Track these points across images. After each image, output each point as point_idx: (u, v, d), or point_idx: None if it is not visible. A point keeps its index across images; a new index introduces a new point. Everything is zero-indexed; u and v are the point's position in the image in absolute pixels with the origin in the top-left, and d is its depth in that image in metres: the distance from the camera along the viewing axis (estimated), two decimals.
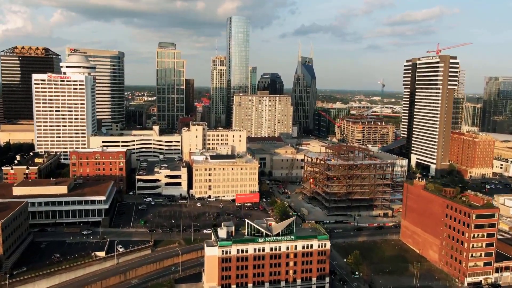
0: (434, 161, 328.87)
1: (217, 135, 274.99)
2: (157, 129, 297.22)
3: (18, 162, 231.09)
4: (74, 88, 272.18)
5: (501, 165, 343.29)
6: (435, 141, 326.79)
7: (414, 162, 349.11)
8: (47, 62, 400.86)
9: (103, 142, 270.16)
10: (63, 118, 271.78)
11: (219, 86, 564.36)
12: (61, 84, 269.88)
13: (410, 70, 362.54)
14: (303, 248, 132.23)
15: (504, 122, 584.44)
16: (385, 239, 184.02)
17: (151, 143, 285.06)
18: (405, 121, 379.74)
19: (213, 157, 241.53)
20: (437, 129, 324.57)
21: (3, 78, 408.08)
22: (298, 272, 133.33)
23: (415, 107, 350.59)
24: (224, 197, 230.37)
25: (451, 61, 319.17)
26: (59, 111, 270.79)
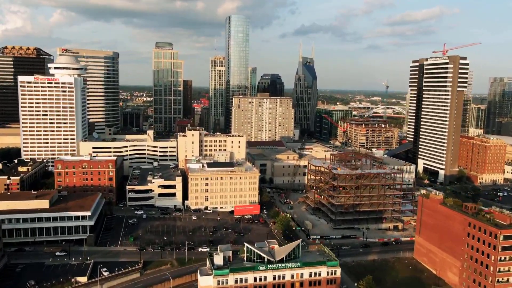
0: (442, 166, 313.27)
1: (215, 141, 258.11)
2: (151, 134, 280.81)
3: (0, 171, 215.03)
4: (62, 90, 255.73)
5: None
6: (444, 145, 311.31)
7: (421, 167, 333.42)
8: (38, 62, 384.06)
9: (93, 148, 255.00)
10: (51, 122, 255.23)
11: (218, 87, 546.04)
12: (48, 86, 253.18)
13: (417, 71, 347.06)
14: (310, 276, 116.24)
15: (509, 123, 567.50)
16: (397, 257, 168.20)
17: (145, 149, 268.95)
18: (411, 124, 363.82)
19: (210, 165, 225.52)
20: (446, 133, 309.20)
21: None
22: None
23: (423, 109, 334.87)
24: (222, 208, 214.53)
25: (461, 62, 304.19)
26: (46, 115, 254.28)
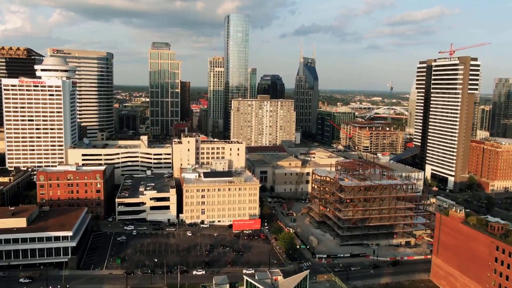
0: (452, 173, 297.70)
1: (212, 148, 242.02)
2: (145, 139, 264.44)
3: None
4: (49, 94, 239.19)
5: None
6: (453, 150, 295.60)
7: (429, 173, 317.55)
8: (28, 63, 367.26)
9: (83, 155, 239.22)
10: (37, 128, 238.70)
11: (217, 88, 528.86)
12: (34, 90, 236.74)
13: (424, 72, 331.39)
14: None
15: None
16: (412, 280, 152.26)
17: (138, 156, 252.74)
18: (418, 128, 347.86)
19: (207, 175, 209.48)
20: (456, 138, 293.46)
21: None
22: None
23: (431, 112, 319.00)
24: (219, 222, 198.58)
25: (472, 63, 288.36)
26: (32, 120, 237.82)
